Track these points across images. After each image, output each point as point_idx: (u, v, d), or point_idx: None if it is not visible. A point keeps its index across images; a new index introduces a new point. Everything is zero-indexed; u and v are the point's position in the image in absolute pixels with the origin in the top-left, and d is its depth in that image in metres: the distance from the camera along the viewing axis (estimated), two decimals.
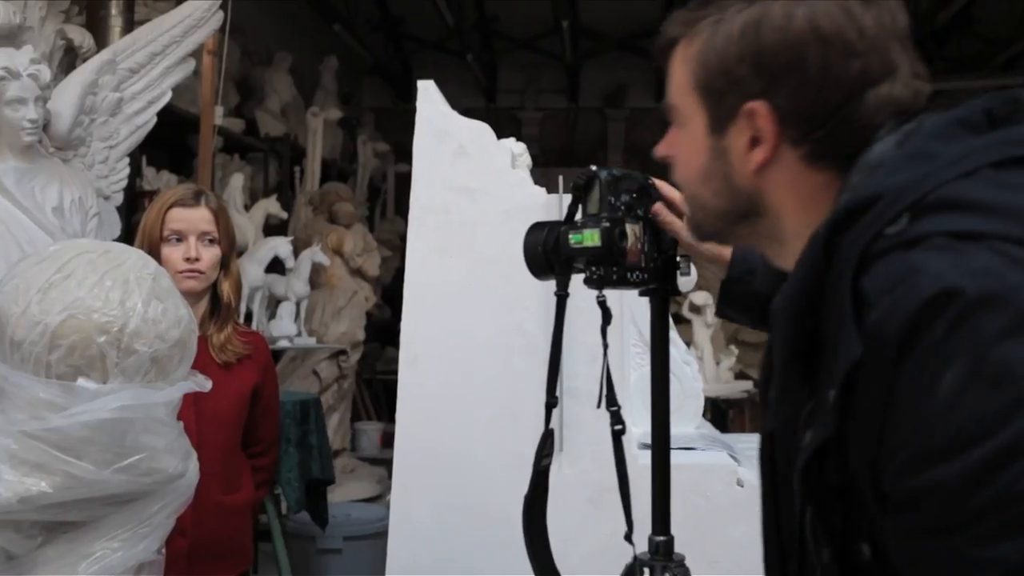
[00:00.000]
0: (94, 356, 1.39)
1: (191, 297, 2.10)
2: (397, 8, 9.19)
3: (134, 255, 1.53)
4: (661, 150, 1.06)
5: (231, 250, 2.31)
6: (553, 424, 1.50)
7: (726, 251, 1.49)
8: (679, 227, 1.46)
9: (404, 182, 8.67)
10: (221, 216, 2.29)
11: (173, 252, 2.20)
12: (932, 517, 0.73)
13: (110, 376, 1.41)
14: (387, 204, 8.94)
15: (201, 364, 2.13)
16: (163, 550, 1.60)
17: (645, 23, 9.23)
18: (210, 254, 2.23)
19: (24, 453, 1.39)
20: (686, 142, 1.01)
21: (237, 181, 5.36)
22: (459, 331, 2.49)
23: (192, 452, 1.60)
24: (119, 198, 3.25)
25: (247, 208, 5.47)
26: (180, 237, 2.21)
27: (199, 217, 2.23)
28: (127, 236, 3.17)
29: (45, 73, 2.75)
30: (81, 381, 1.39)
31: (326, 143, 7.02)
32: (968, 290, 0.74)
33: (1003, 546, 0.69)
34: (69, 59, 3.28)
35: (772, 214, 0.97)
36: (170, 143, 5.44)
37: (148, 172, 4.97)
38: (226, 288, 2.28)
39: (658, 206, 1.46)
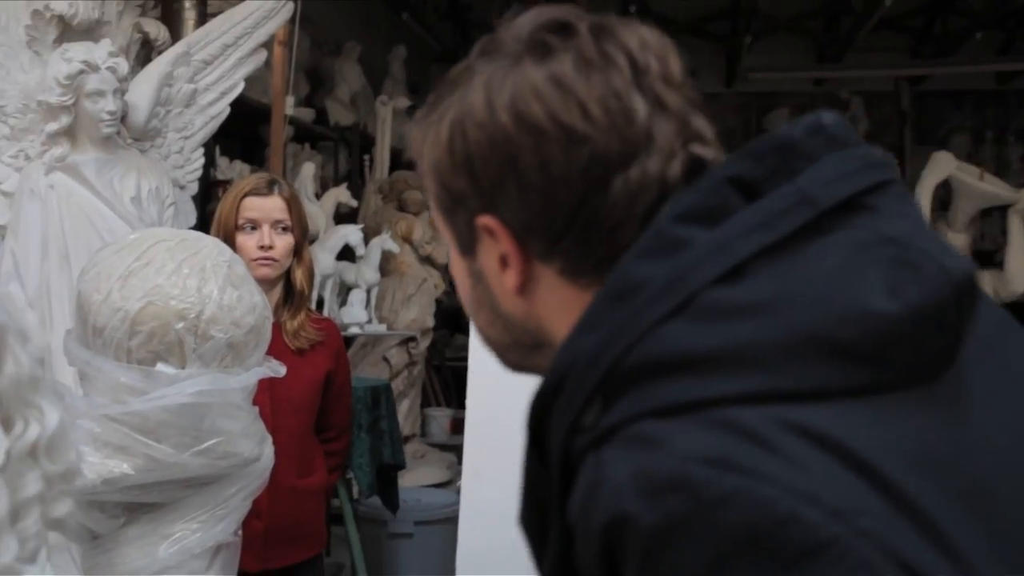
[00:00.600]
0: (172, 342, 1.42)
1: (265, 284, 2.12)
2: None
3: (210, 243, 1.55)
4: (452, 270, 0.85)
5: (304, 238, 2.34)
6: None
7: None
8: None
9: None
10: (294, 204, 2.31)
11: (247, 240, 2.23)
12: None
13: (188, 362, 1.44)
14: None
15: (275, 351, 2.17)
16: (239, 532, 1.63)
17: (714, 6, 9.13)
18: (283, 242, 2.25)
19: (107, 436, 1.43)
20: (454, 265, 0.81)
21: (308, 170, 5.43)
22: None
23: (267, 436, 1.63)
24: (194, 187, 3.31)
25: (318, 197, 5.53)
26: (254, 225, 2.24)
27: (272, 206, 2.26)
28: (202, 225, 3.23)
29: (123, 66, 2.81)
30: (160, 366, 1.42)
31: (395, 132, 7.06)
32: (643, 517, 0.55)
33: None
34: (145, 52, 3.35)
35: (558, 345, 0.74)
36: (242, 133, 5.53)
37: (221, 162, 5.06)
38: (299, 275, 2.31)
39: None
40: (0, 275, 2.73)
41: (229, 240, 2.18)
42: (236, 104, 3.37)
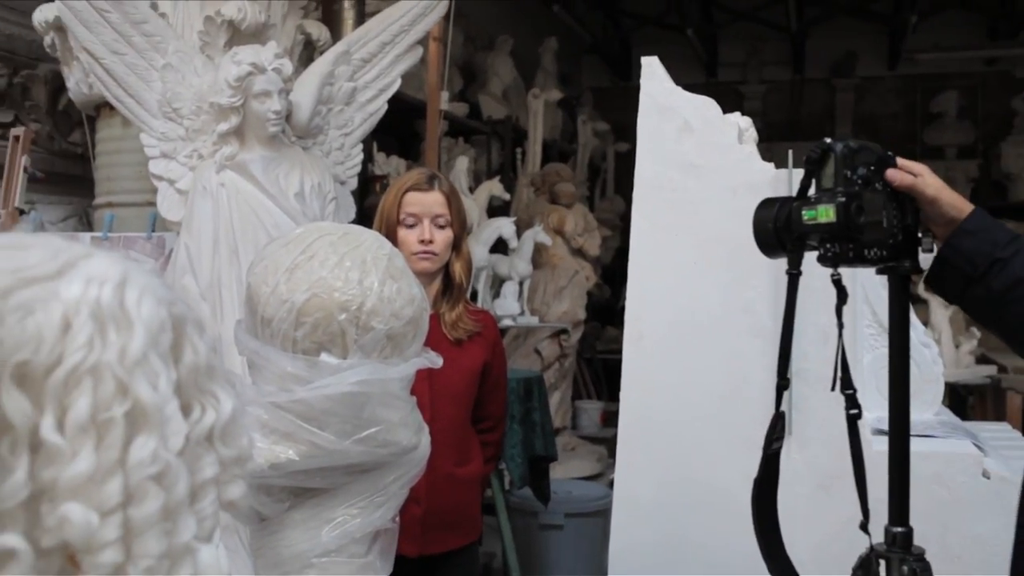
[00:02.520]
0: (335, 333, 1.46)
1: (425, 278, 2.18)
2: None
3: (370, 237, 1.59)
4: None
5: (462, 232, 2.39)
6: (783, 407, 1.45)
7: (966, 207, 1.40)
8: (918, 183, 1.38)
9: (624, 161, 8.65)
10: (453, 199, 2.36)
11: (408, 235, 2.29)
12: None
13: (349, 352, 1.48)
14: (607, 183, 8.94)
15: (434, 341, 2.21)
16: (397, 519, 1.67)
17: None
18: (443, 236, 2.31)
19: (274, 423, 1.48)
20: None
21: (462, 164, 5.51)
22: (684, 310, 2.46)
23: (424, 426, 1.66)
24: (354, 183, 3.40)
25: (471, 190, 5.61)
26: (415, 220, 2.30)
27: (433, 200, 2.32)
28: (361, 218, 3.32)
29: (287, 67, 2.90)
30: (324, 356, 1.46)
31: (546, 124, 7.10)
32: None
33: None
34: (308, 52, 3.47)
35: None
36: (398, 129, 5.66)
37: (379, 157, 5.18)
38: (458, 268, 2.36)
39: (891, 172, 1.39)
40: (176, 268, 2.88)
41: (391, 234, 2.24)
42: (392, 100, 3.44)
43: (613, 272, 8.14)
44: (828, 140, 1.38)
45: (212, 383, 0.82)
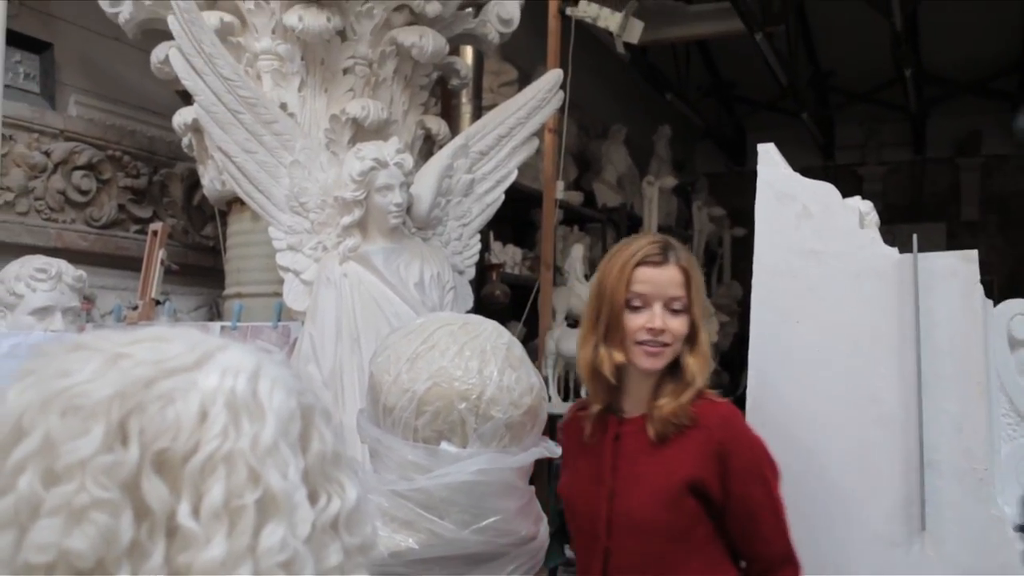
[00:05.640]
0: (455, 422, 1.48)
1: (649, 374, 1.86)
2: (728, 72, 9.17)
3: (490, 326, 1.61)
4: None
5: (701, 317, 1.91)
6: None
7: None
8: None
9: (740, 246, 8.53)
10: (693, 276, 1.90)
11: (633, 320, 1.85)
12: None
13: (469, 441, 1.49)
14: (723, 269, 8.84)
15: (632, 451, 1.84)
16: None
17: (998, 63, 8.55)
18: (678, 324, 1.85)
19: (394, 511, 1.50)
20: None
21: (577, 252, 5.53)
22: (808, 399, 2.39)
23: (542, 516, 1.65)
24: (471, 272, 3.45)
25: (586, 277, 5.61)
26: (644, 302, 1.86)
27: (668, 279, 1.86)
28: (479, 307, 3.35)
29: (408, 161, 2.99)
30: (444, 445, 1.48)
31: (661, 210, 7.09)
32: None
33: None
34: (427, 146, 3.56)
35: None
36: (514, 217, 5.73)
37: (495, 246, 5.26)
38: (691, 363, 1.88)
39: None
40: (300, 357, 2.95)
41: (615, 317, 1.86)
42: (509, 190, 3.49)
43: (731, 358, 7.99)
44: None
45: (338, 471, 0.84)
